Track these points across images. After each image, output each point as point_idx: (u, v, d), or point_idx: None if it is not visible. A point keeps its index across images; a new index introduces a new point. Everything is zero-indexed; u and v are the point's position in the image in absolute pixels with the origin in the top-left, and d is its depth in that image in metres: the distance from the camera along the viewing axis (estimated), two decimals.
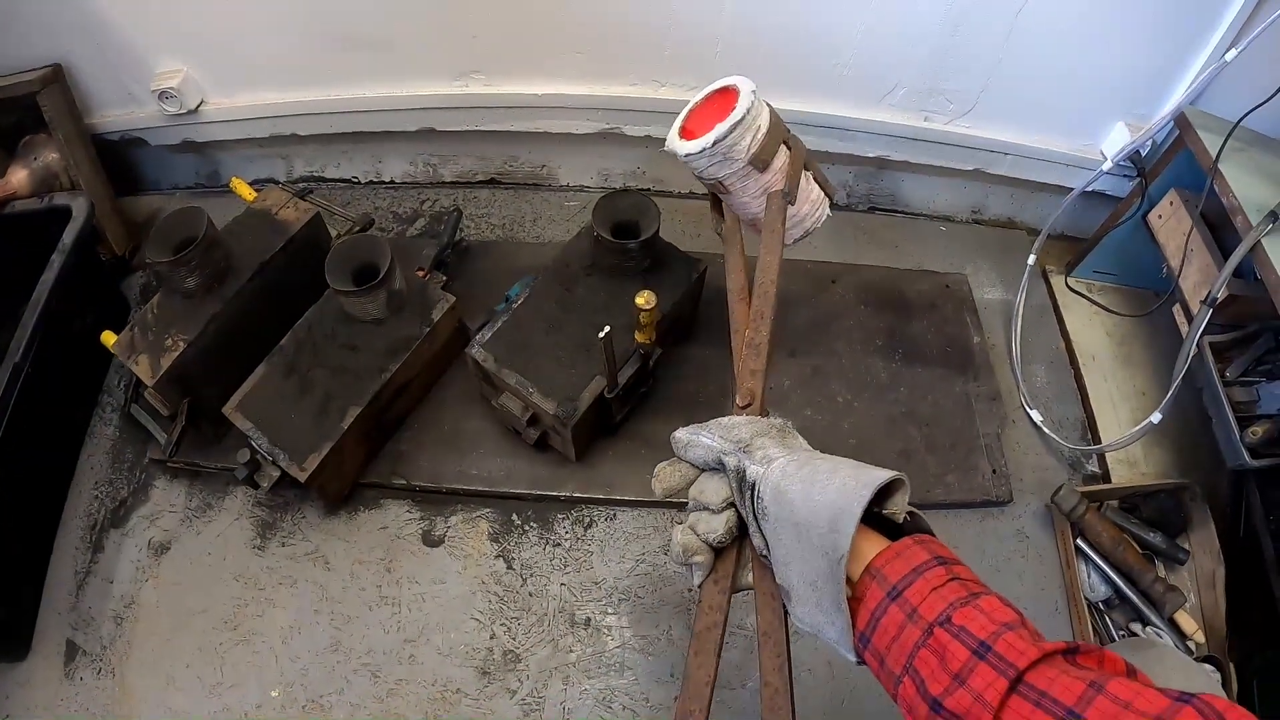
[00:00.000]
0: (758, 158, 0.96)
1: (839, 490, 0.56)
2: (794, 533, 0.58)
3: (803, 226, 1.10)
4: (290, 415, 1.21)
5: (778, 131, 0.99)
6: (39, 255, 1.43)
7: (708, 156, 0.96)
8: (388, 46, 1.32)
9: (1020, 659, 0.47)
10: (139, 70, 1.43)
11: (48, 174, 1.51)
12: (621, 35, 1.28)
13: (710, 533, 0.65)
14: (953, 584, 0.53)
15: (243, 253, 1.27)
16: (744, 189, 1.01)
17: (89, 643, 1.31)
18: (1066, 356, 1.41)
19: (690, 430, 0.68)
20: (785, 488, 0.59)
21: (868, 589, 0.56)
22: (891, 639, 0.54)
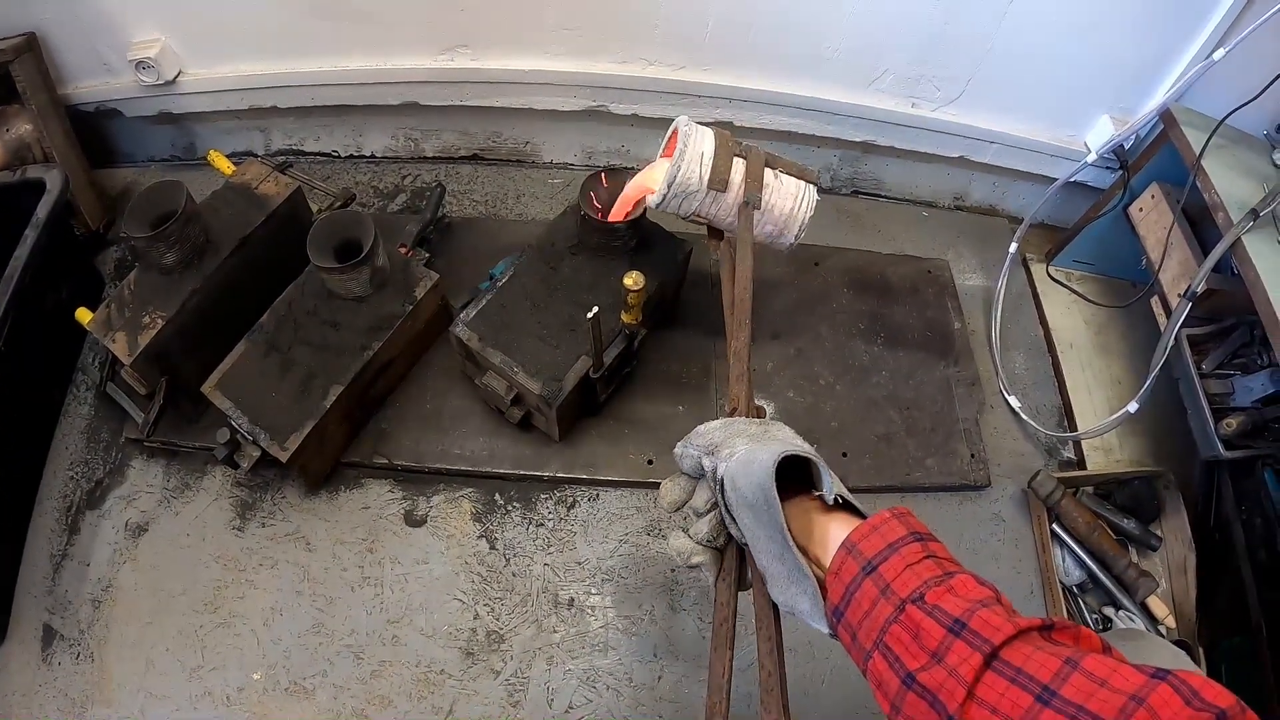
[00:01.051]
0: (714, 181, 1.04)
1: (759, 466, 0.60)
2: (750, 515, 0.61)
3: (797, 220, 1.13)
4: (271, 394, 1.20)
5: (726, 150, 1.05)
6: (11, 229, 1.41)
7: (673, 199, 1.05)
8: (371, 18, 1.31)
9: (995, 635, 0.48)
10: (115, 39, 1.41)
11: (20, 146, 1.48)
12: (612, 12, 1.27)
13: (696, 533, 0.68)
14: (927, 561, 0.54)
15: (222, 228, 1.25)
16: (719, 211, 1.08)
17: (66, 627, 1.30)
18: (1045, 344, 1.44)
19: (681, 444, 0.71)
20: (734, 474, 0.62)
21: (843, 564, 0.57)
22: (864, 613, 0.54)
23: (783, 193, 1.10)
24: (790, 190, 1.11)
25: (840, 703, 1.17)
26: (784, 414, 1.32)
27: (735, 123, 1.40)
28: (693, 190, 1.04)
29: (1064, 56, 1.30)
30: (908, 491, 1.31)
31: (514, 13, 1.28)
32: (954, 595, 0.51)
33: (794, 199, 1.11)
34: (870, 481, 1.29)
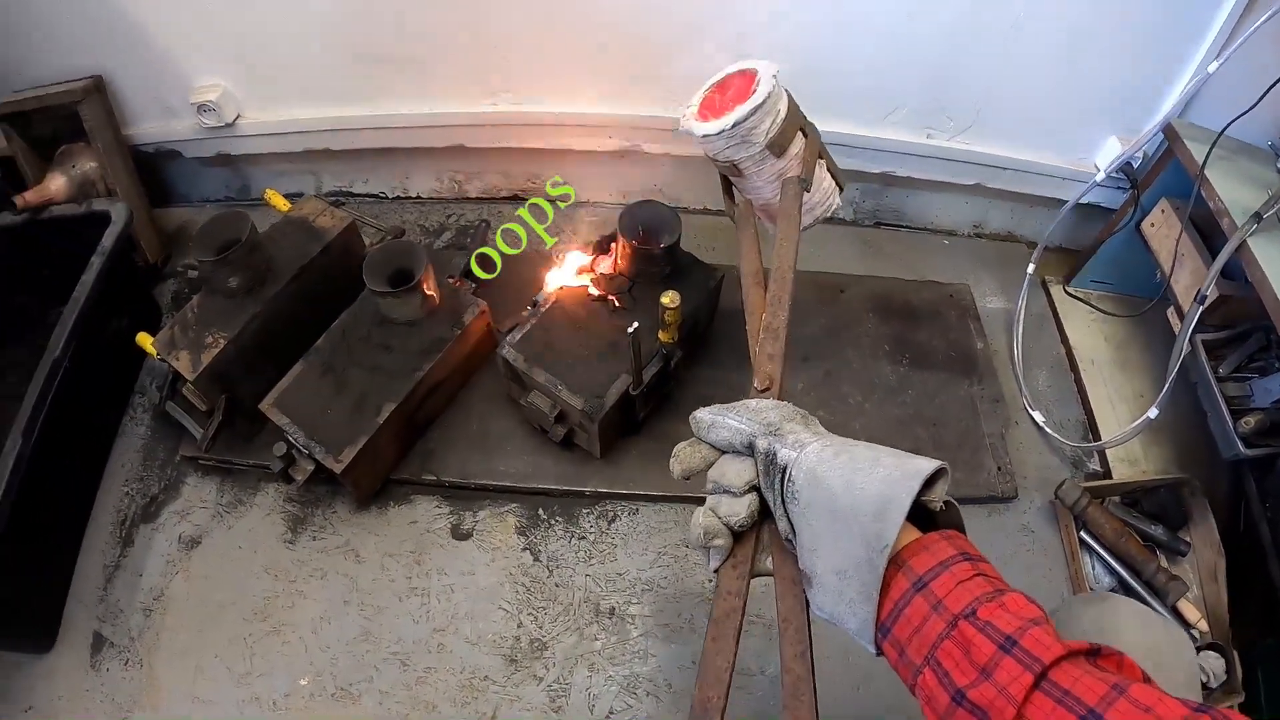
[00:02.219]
0: (775, 143, 0.98)
1: (884, 479, 0.56)
2: (829, 519, 0.58)
3: (814, 214, 1.13)
4: (326, 411, 1.29)
5: (795, 118, 1.01)
6: (75, 258, 1.52)
7: (725, 139, 0.98)
8: (420, 66, 1.43)
9: (1046, 654, 0.48)
10: (178, 84, 1.53)
11: (85, 182, 1.61)
12: (642, 58, 1.39)
13: (732, 515, 0.65)
14: (978, 579, 0.55)
15: (282, 256, 1.36)
16: (759, 173, 1.03)
17: (116, 634, 1.37)
18: (1067, 361, 1.51)
19: (714, 411, 0.68)
20: (822, 473, 0.59)
21: (893, 579, 0.56)
22: (914, 629, 0.54)
23: (818, 183, 1.09)
24: (824, 185, 1.12)
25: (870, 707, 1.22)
26: None
27: None
28: (753, 141, 0.98)
29: (1068, 82, 1.39)
30: None
31: (552, 60, 1.40)
32: (1006, 611, 0.52)
33: (823, 193, 1.12)
34: None
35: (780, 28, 1.33)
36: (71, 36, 1.49)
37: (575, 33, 1.37)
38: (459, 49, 1.40)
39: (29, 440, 1.27)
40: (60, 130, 1.62)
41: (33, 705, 1.35)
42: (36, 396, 1.30)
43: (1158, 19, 1.28)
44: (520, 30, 1.37)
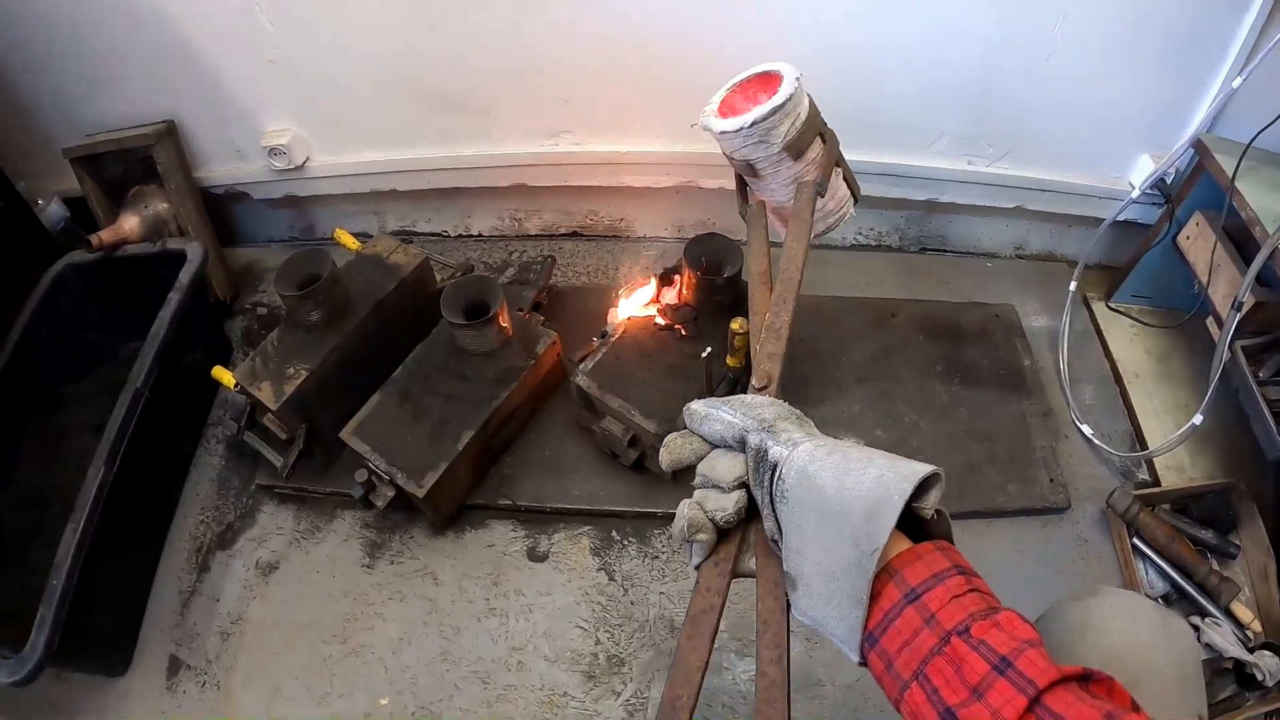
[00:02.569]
0: (793, 145, 0.99)
1: (877, 480, 0.55)
2: (818, 520, 0.57)
3: (826, 222, 1.14)
4: (406, 438, 1.35)
5: (815, 122, 1.02)
6: (148, 295, 1.59)
7: (743, 136, 0.98)
8: (485, 109, 1.51)
9: (1041, 677, 0.47)
10: (248, 128, 1.61)
11: (157, 222, 1.68)
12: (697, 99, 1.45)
13: (718, 511, 0.63)
14: (973, 595, 0.54)
15: (359, 291, 1.43)
16: (774, 175, 1.03)
17: (193, 657, 1.42)
18: (1111, 375, 1.57)
19: (708, 403, 0.67)
20: (814, 473, 0.58)
21: (883, 588, 0.55)
22: (904, 642, 0.53)
23: (833, 192, 1.09)
24: (839, 194, 1.13)
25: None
26: (875, 448, 1.44)
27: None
28: (771, 142, 0.99)
29: (1100, 104, 1.44)
30: (993, 517, 1.43)
31: (613, 101, 1.48)
32: (1000, 631, 0.51)
33: (838, 202, 1.13)
34: (957, 508, 1.40)
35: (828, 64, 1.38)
36: (145, 83, 1.57)
37: (635, 76, 1.44)
38: (523, 92, 1.47)
39: (111, 467, 1.33)
40: (131, 172, 1.70)
41: None
42: (119, 425, 1.36)
43: (1182, 40, 1.33)
44: (583, 74, 1.44)
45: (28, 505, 1.59)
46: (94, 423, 1.65)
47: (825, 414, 1.48)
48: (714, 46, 1.37)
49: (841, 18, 1.33)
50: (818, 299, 1.59)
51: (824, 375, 1.52)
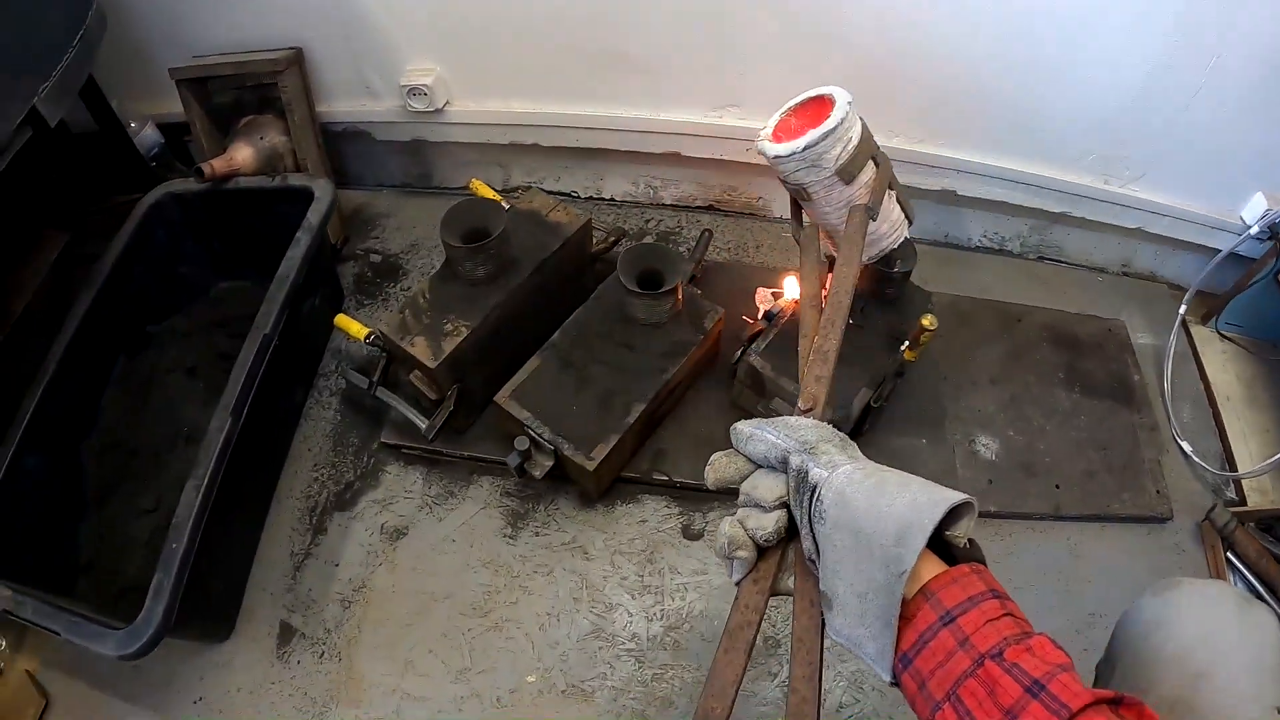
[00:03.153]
0: (845, 169, 1.01)
1: (909, 504, 0.57)
2: (853, 541, 0.59)
3: (879, 245, 1.17)
4: (571, 407, 1.31)
5: (867, 146, 1.04)
6: (257, 232, 1.49)
7: (796, 161, 1.01)
8: (656, 72, 1.46)
9: (1074, 701, 0.48)
10: (386, 64, 1.52)
11: (273, 155, 1.57)
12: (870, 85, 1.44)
13: (759, 529, 0.65)
14: (1007, 619, 0.55)
15: (522, 249, 1.37)
16: (827, 199, 1.06)
17: (309, 625, 1.35)
18: (1205, 397, 1.67)
19: (754, 424, 0.69)
20: (850, 494, 0.60)
21: (919, 610, 0.56)
22: (938, 664, 0.54)
23: (886, 214, 1.12)
24: (893, 216, 1.15)
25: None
26: (1006, 450, 1.49)
27: (958, 191, 1.60)
28: (823, 166, 1.01)
29: (1231, 139, 1.51)
30: (1109, 521, 1.50)
31: (786, 79, 1.44)
32: (1033, 655, 0.52)
33: (891, 224, 1.15)
34: (1080, 510, 1.47)
35: (1005, 69, 1.41)
36: (274, 5, 1.45)
37: (810, 56, 1.43)
38: (700, 59, 1.44)
39: (237, 420, 1.25)
40: (245, 100, 1.59)
41: (203, 697, 1.32)
42: (245, 374, 1.28)
43: None
44: (764, 47, 1.42)
45: (112, 451, 1.47)
46: (186, 365, 1.54)
47: (962, 410, 1.52)
48: (903, 43, 1.38)
49: (1027, 24, 1.35)
50: (954, 297, 1.63)
51: (961, 374, 1.55)
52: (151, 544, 1.41)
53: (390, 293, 1.66)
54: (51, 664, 1.41)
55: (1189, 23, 1.31)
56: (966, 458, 1.47)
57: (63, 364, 1.40)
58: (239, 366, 1.28)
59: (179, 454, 1.48)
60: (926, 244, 1.77)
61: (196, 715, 1.31)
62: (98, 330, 1.45)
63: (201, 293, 1.63)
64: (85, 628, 1.10)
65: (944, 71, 1.43)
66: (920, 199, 1.67)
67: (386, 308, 1.63)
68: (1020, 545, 1.43)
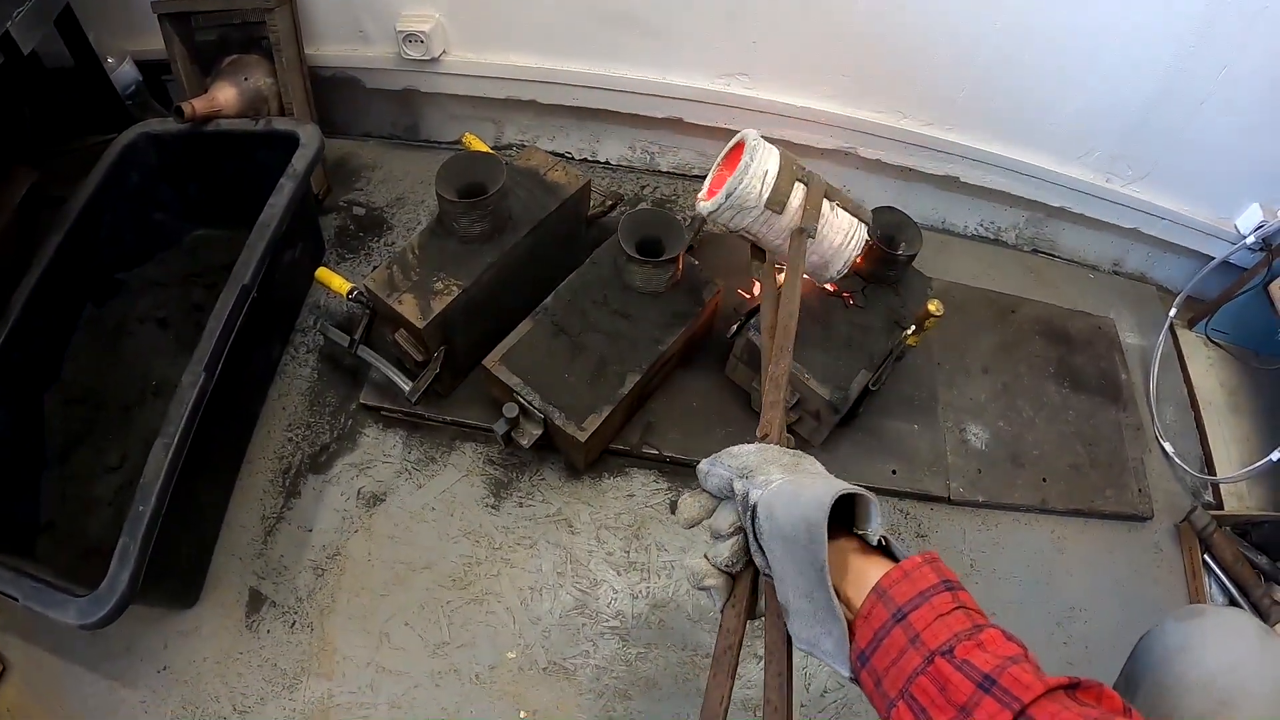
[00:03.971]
0: (772, 201, 1.06)
1: (810, 501, 0.59)
2: (784, 548, 0.61)
3: (842, 257, 1.18)
4: (563, 375, 1.26)
5: (789, 172, 1.08)
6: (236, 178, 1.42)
7: (727, 210, 1.07)
8: (666, 34, 1.42)
9: (1025, 693, 0.49)
10: (382, 8, 1.46)
11: (257, 97, 1.49)
12: (883, 65, 1.43)
13: (716, 556, 0.68)
14: (958, 613, 0.55)
15: (519, 208, 1.32)
16: (769, 232, 1.10)
17: (279, 593, 1.30)
18: (1189, 400, 1.68)
19: (709, 460, 0.72)
20: (774, 505, 0.62)
21: (873, 609, 0.58)
22: (891, 662, 0.55)
23: (836, 226, 1.14)
24: (843, 225, 1.16)
25: None
26: (996, 440, 1.48)
27: (961, 178, 1.59)
28: (750, 206, 1.06)
29: (1233, 149, 1.53)
30: (1092, 517, 1.50)
31: (798, 51, 1.42)
32: (983, 650, 0.52)
33: (844, 234, 1.16)
34: (1065, 504, 1.47)
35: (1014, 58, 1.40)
36: None
37: (827, 29, 1.40)
38: (711, 23, 1.40)
39: (211, 375, 1.19)
40: (229, 38, 1.51)
41: (168, 665, 1.27)
42: (222, 326, 1.21)
43: None
44: (777, 16, 1.38)
45: (77, 404, 1.40)
46: (157, 315, 1.47)
47: (955, 398, 1.51)
48: (920, 25, 1.36)
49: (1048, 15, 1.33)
50: (948, 284, 1.62)
51: (955, 361, 1.55)
52: (116, 503, 1.35)
53: (373, 247, 1.59)
54: (8, 628, 1.34)
55: (1205, 30, 1.31)
56: (957, 445, 1.46)
57: (26, 309, 1.32)
58: (214, 318, 1.22)
59: (148, 408, 1.41)
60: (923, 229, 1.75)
61: (161, 685, 1.25)
62: (64, 275, 1.37)
63: (175, 240, 1.55)
64: (46, 594, 1.05)
65: (959, 57, 1.41)
66: (921, 183, 1.66)
67: (370, 263, 1.57)
68: (1006, 536, 1.43)
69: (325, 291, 1.44)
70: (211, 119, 1.43)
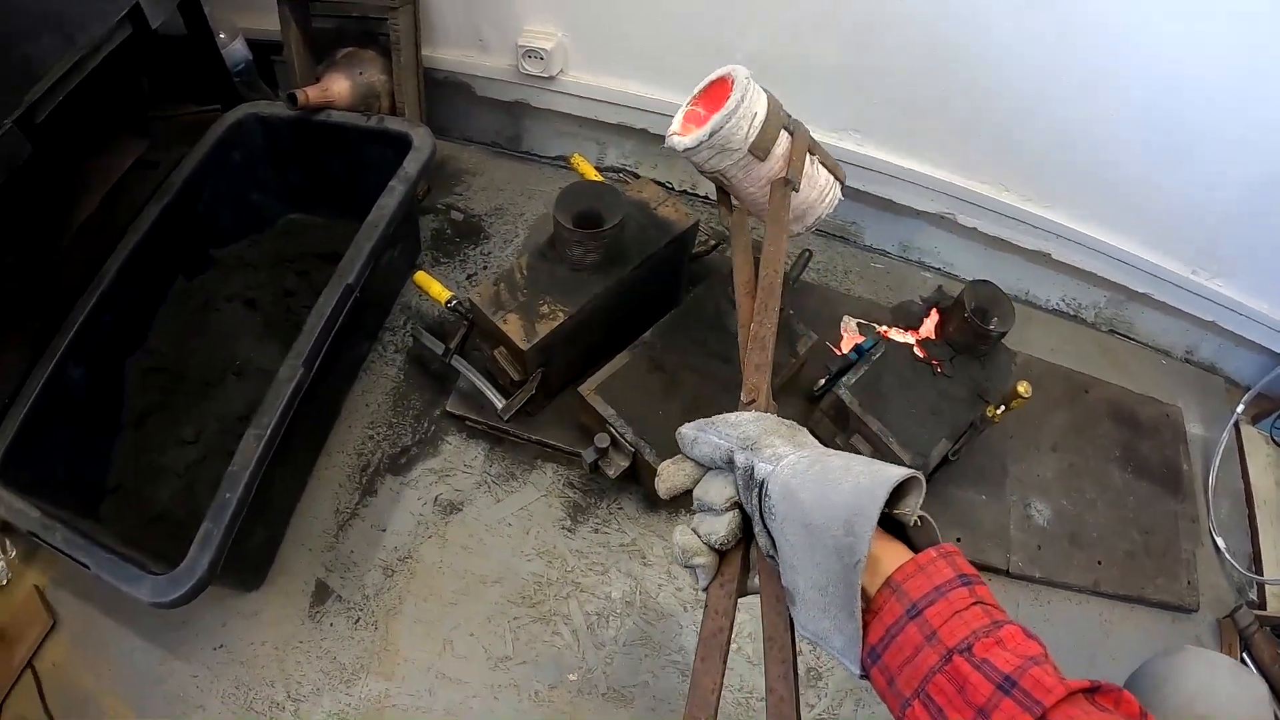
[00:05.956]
0: (757, 146, 1.04)
1: (853, 490, 0.58)
2: (804, 534, 0.59)
3: (815, 213, 1.20)
4: (657, 411, 1.38)
5: (776, 118, 1.07)
6: (341, 171, 1.53)
7: (707, 149, 1.05)
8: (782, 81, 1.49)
9: (1047, 696, 0.49)
10: (504, 20, 1.57)
11: (369, 92, 1.60)
12: (994, 137, 1.56)
13: (711, 534, 0.67)
14: (975, 609, 0.55)
15: (629, 240, 1.43)
16: (746, 179, 1.09)
17: (347, 588, 1.40)
18: (1245, 496, 1.82)
19: (696, 426, 0.72)
20: (795, 486, 0.61)
21: (885, 603, 0.58)
22: (906, 659, 0.55)
23: (812, 181, 1.16)
24: (820, 182, 1.17)
25: None
26: (1059, 518, 1.62)
27: (1052, 255, 1.72)
28: (733, 148, 1.05)
29: None
30: (1140, 604, 1.64)
31: (914, 117, 1.55)
32: (1003, 649, 0.53)
33: (820, 191, 1.18)
34: (1116, 589, 1.60)
35: (1135, 138, 1.51)
36: None
37: (946, 97, 1.52)
38: (837, 77, 1.51)
39: (309, 370, 1.30)
40: (346, 30, 1.62)
41: (225, 644, 1.37)
42: (323, 323, 1.33)
43: None
44: (900, 77, 1.50)
45: (158, 373, 1.51)
46: (246, 296, 1.58)
47: (1023, 473, 1.64)
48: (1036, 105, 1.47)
49: (1172, 108, 1.44)
50: (1027, 358, 1.75)
51: (1027, 436, 1.68)
52: (187, 477, 1.45)
53: (469, 255, 1.71)
54: (62, 583, 1.44)
55: None
56: (1021, 520, 1.59)
57: (121, 274, 1.43)
58: (316, 314, 1.33)
59: (228, 387, 1.52)
60: None
61: (215, 662, 1.35)
62: (160, 245, 1.48)
63: (270, 223, 1.66)
64: (120, 567, 1.13)
65: (1068, 136, 1.53)
66: (1010, 253, 1.78)
67: (464, 270, 1.68)
68: (1056, 613, 1.56)
69: (418, 293, 1.55)
70: (323, 109, 1.54)
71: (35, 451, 1.29)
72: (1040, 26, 1.35)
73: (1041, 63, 1.40)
